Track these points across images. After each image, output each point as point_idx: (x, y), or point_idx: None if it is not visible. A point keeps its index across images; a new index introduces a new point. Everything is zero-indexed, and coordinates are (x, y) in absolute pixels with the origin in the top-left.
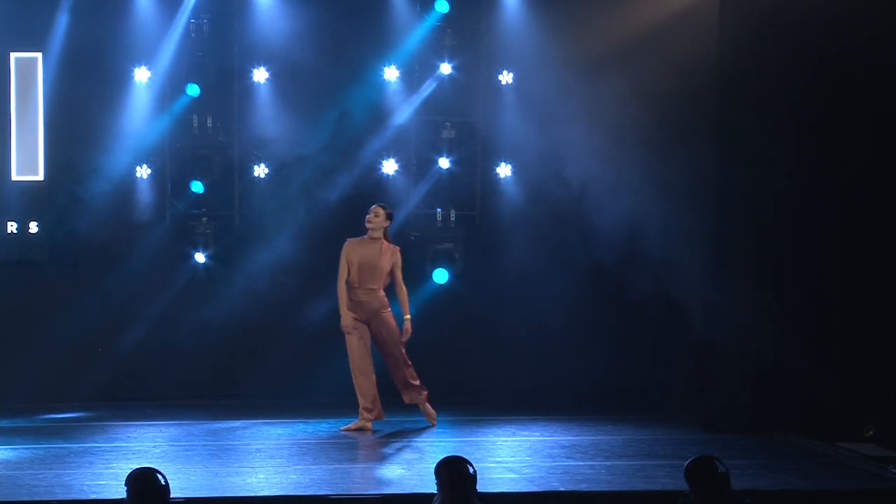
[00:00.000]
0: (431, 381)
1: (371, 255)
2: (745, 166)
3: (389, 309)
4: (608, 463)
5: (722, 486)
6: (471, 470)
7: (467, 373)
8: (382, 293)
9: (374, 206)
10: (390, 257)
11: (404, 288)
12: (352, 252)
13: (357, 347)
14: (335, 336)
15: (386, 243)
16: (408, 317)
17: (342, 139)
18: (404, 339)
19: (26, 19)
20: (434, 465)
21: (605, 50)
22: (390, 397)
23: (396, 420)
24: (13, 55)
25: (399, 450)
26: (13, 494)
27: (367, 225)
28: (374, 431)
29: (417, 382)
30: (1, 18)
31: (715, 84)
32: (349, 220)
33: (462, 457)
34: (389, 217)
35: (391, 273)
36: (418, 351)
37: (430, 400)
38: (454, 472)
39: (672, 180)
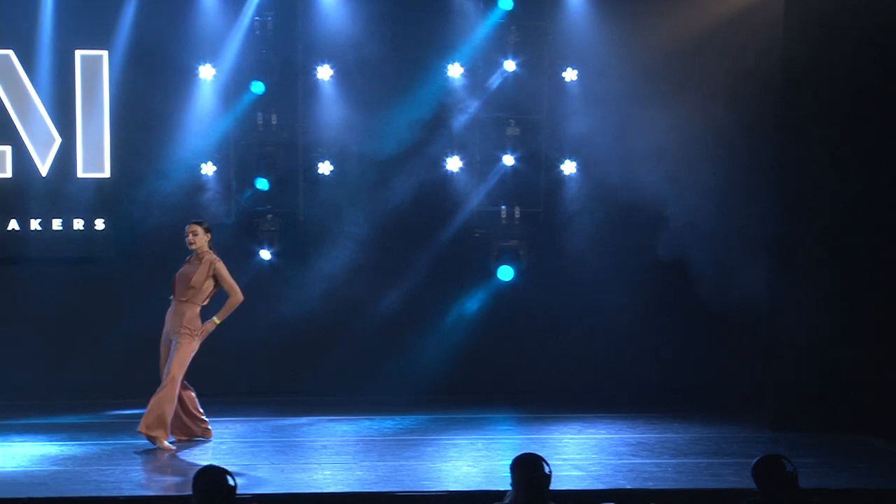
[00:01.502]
0: (497, 378)
1: (187, 270)
2: (809, 164)
3: (187, 329)
4: (674, 461)
5: (790, 485)
6: (546, 469)
7: (533, 370)
8: (188, 309)
9: (188, 226)
10: (206, 270)
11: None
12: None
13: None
14: (400, 332)
15: (206, 257)
16: (216, 319)
17: (406, 136)
18: (196, 334)
19: (92, 17)
20: (501, 463)
21: (670, 47)
22: (447, 397)
23: (463, 417)
24: (79, 53)
25: (465, 447)
26: (81, 490)
27: (190, 247)
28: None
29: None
30: (67, 16)
31: (779, 81)
32: (413, 217)
33: (538, 455)
34: (208, 231)
35: (211, 286)
36: (484, 347)
37: (498, 394)
38: (530, 471)
39: (737, 178)
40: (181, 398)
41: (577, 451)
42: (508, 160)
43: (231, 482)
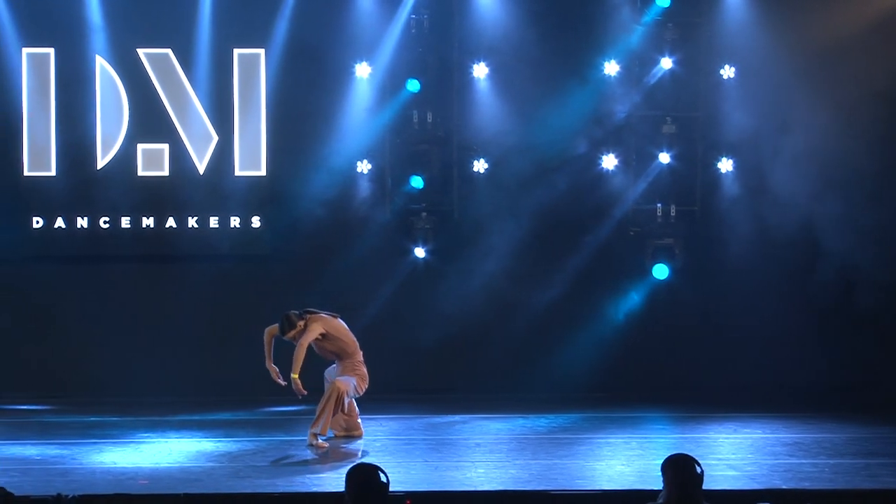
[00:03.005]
0: (652, 377)
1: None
2: None
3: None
4: (831, 461)
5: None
6: (698, 469)
7: (687, 368)
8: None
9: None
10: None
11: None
12: None
13: None
14: (555, 331)
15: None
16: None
17: (561, 134)
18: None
19: (249, 16)
20: (655, 462)
21: (829, 43)
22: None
23: (617, 416)
24: (236, 51)
25: (619, 446)
26: (236, 486)
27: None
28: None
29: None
30: (224, 15)
31: None
32: (568, 215)
33: (690, 455)
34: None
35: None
36: (638, 345)
37: (653, 392)
38: (682, 471)
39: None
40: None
41: (732, 451)
42: (664, 158)
43: (383, 479)
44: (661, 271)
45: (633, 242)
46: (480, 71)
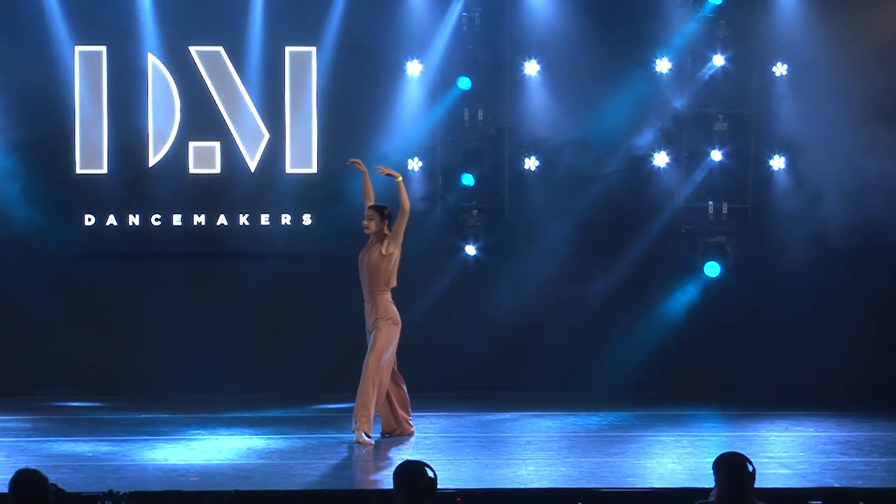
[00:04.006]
0: (703, 375)
1: (363, 257)
2: None
3: (382, 320)
4: (884, 459)
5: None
6: (750, 468)
7: (739, 366)
8: (379, 300)
9: (368, 210)
10: (380, 246)
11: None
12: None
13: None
14: (605, 328)
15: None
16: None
17: (613, 131)
18: (392, 322)
19: (301, 14)
20: (706, 460)
21: (882, 42)
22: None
23: (668, 414)
24: (288, 49)
25: (670, 444)
26: (286, 484)
27: (366, 231)
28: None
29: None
30: (276, 13)
31: None
32: (619, 212)
33: (741, 453)
34: (385, 217)
35: (391, 259)
36: (689, 343)
37: (704, 390)
38: (733, 469)
39: None
40: (390, 395)
41: (783, 449)
42: (716, 155)
43: (430, 475)
44: (712, 269)
45: (685, 240)
46: (532, 68)
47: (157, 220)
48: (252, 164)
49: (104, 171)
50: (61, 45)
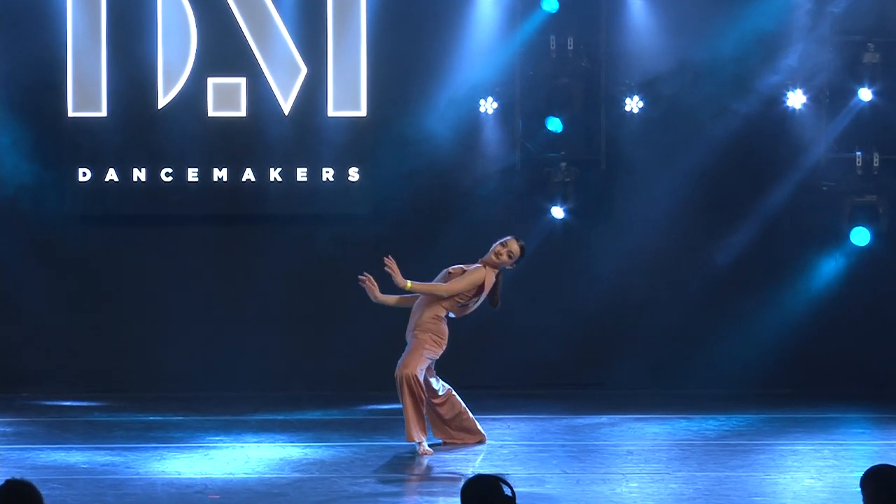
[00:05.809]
0: (849, 368)
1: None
2: None
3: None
4: None
5: None
6: None
7: (893, 358)
8: (432, 308)
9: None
10: (473, 274)
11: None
12: None
13: None
14: (724, 309)
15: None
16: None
17: (735, 66)
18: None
19: None
20: (852, 474)
21: None
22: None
23: (804, 417)
24: None
25: (808, 454)
26: (328, 503)
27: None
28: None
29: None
30: None
31: None
32: (743, 165)
33: (894, 466)
34: (511, 255)
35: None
36: (832, 329)
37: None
38: (887, 486)
39: None
40: (432, 404)
41: None
42: (865, 94)
43: (507, 492)
44: (860, 236)
45: (826, 200)
46: None
47: (167, 175)
48: (286, 106)
49: (102, 114)
50: None
